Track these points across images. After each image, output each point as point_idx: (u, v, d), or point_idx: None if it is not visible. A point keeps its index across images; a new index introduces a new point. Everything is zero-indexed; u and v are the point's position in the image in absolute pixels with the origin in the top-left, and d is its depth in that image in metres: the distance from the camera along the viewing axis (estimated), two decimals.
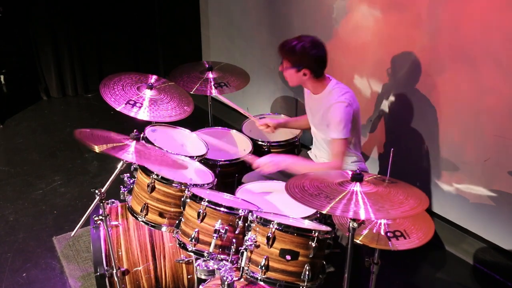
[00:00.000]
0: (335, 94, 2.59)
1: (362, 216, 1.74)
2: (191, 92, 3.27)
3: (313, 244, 2.00)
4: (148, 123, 2.85)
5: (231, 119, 4.73)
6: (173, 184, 2.32)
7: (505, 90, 2.71)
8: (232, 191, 2.58)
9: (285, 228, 2.01)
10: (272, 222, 2.02)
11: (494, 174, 2.90)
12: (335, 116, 2.53)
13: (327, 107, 2.59)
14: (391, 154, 2.12)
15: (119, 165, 2.26)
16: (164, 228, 2.36)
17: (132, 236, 2.48)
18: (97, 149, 2.08)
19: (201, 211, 2.17)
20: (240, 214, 2.16)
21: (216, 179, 2.54)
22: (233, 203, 2.35)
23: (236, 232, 2.17)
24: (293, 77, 2.63)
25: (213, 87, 3.37)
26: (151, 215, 2.36)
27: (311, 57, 2.54)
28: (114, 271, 2.32)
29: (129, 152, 2.15)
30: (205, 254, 2.17)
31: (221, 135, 3.28)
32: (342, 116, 2.52)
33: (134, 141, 2.24)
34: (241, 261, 2.10)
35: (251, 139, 3.16)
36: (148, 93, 2.84)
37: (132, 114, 2.71)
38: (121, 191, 2.64)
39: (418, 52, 3.08)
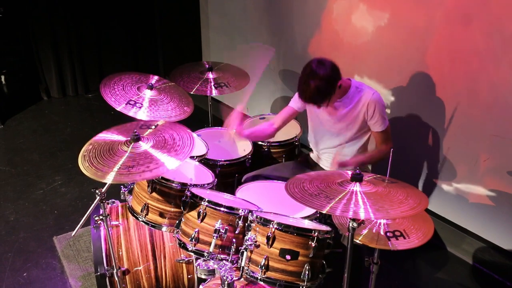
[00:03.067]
0: (366, 90, 2.64)
1: (362, 216, 1.75)
2: (191, 92, 3.28)
3: (313, 244, 2.01)
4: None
5: None
6: (174, 184, 2.33)
7: (504, 90, 2.72)
8: (232, 191, 2.59)
9: (285, 228, 2.02)
10: (272, 222, 2.03)
11: (494, 174, 2.91)
12: (379, 109, 2.62)
13: (363, 105, 2.62)
14: (391, 154, 2.12)
15: None
16: (164, 228, 2.37)
17: (132, 236, 2.48)
18: (109, 179, 1.93)
19: (201, 211, 2.17)
20: (240, 214, 2.16)
21: (216, 179, 2.54)
22: (233, 203, 2.36)
23: (236, 232, 2.18)
24: (336, 97, 2.58)
25: (213, 87, 3.38)
26: (152, 215, 2.37)
27: (333, 74, 2.47)
28: (115, 271, 2.33)
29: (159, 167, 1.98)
30: (205, 254, 2.17)
31: (221, 135, 3.29)
32: (383, 107, 2.64)
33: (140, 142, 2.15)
34: (241, 261, 2.11)
35: None
36: (148, 93, 2.85)
37: (131, 114, 2.72)
38: (121, 191, 2.64)
39: (418, 52, 3.08)
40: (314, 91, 2.43)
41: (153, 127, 2.27)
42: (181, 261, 2.48)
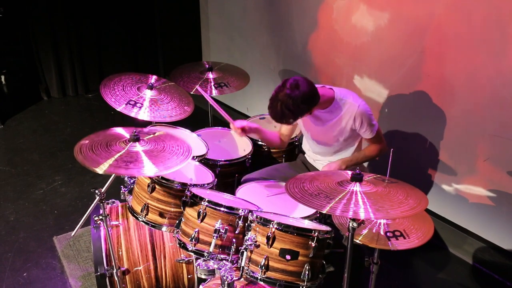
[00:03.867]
0: (350, 102, 2.59)
1: (362, 216, 1.75)
2: (191, 92, 3.28)
3: (313, 244, 2.01)
4: (148, 123, 2.86)
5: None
6: (174, 184, 2.33)
7: (505, 90, 2.72)
8: (232, 191, 2.59)
9: (285, 228, 2.02)
10: (272, 222, 2.03)
11: (494, 174, 2.91)
12: (367, 119, 2.59)
13: (349, 117, 2.59)
14: (391, 154, 2.12)
15: None
16: (164, 228, 2.37)
17: (132, 236, 2.48)
18: (100, 171, 2.01)
19: (201, 211, 2.17)
20: (240, 214, 2.16)
21: (216, 179, 2.54)
22: (233, 203, 2.36)
23: (236, 232, 2.18)
24: (318, 107, 2.56)
25: (213, 87, 3.38)
26: (152, 215, 2.37)
27: (303, 104, 2.39)
28: (115, 271, 2.33)
29: (143, 168, 2.04)
30: (205, 253, 2.17)
31: (221, 135, 3.29)
32: (370, 116, 2.61)
33: (137, 144, 2.17)
34: (241, 261, 2.11)
35: (251, 139, 3.17)
36: (148, 93, 2.86)
37: (132, 115, 2.73)
38: (121, 191, 2.65)
39: (418, 52, 3.08)
40: (278, 114, 2.41)
41: (152, 135, 2.30)
42: (181, 261, 2.48)
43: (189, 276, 2.51)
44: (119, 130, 2.30)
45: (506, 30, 2.61)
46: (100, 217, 2.27)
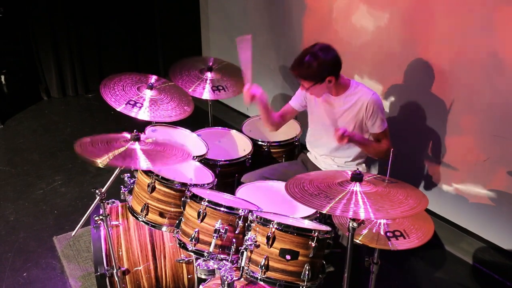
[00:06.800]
0: (365, 90, 2.64)
1: (362, 216, 1.75)
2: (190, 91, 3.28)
3: (313, 244, 2.01)
4: (148, 123, 2.86)
5: (231, 119, 4.74)
6: (174, 184, 2.33)
7: (505, 90, 2.72)
8: (232, 191, 2.59)
9: (285, 228, 2.02)
10: (272, 222, 2.03)
11: (493, 174, 2.91)
12: (379, 109, 2.62)
13: (362, 104, 2.62)
14: (391, 154, 2.12)
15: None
16: (164, 228, 2.37)
17: (132, 236, 2.48)
18: (100, 164, 2.02)
19: (201, 211, 2.17)
20: (240, 214, 2.16)
21: (216, 179, 2.54)
22: (233, 203, 2.36)
23: (236, 232, 2.18)
24: (321, 90, 2.62)
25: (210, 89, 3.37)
26: (152, 215, 2.37)
27: (329, 64, 2.53)
28: (115, 271, 2.33)
29: (140, 158, 2.10)
30: (205, 253, 2.17)
31: (221, 135, 3.29)
32: (382, 109, 2.65)
33: (137, 143, 2.19)
34: (241, 261, 2.11)
35: (251, 139, 3.17)
36: (148, 93, 2.86)
37: (132, 115, 2.73)
38: (121, 191, 2.65)
39: (418, 52, 3.08)
40: (303, 64, 2.52)
41: (153, 139, 2.31)
42: (181, 261, 2.48)
43: (189, 276, 2.51)
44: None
45: (507, 31, 2.61)
46: (101, 217, 2.27)
